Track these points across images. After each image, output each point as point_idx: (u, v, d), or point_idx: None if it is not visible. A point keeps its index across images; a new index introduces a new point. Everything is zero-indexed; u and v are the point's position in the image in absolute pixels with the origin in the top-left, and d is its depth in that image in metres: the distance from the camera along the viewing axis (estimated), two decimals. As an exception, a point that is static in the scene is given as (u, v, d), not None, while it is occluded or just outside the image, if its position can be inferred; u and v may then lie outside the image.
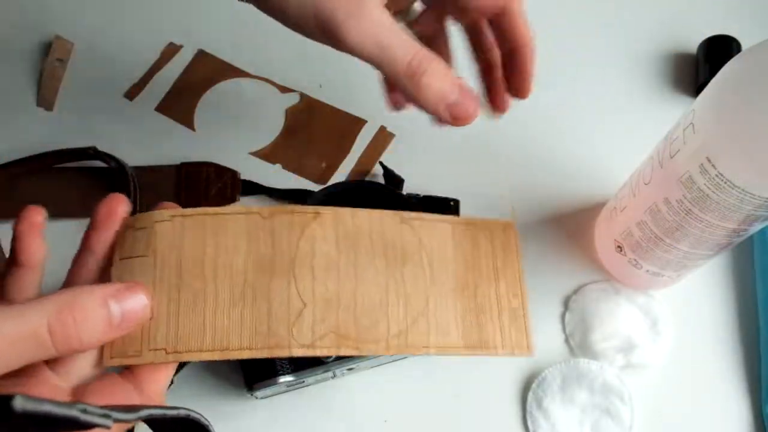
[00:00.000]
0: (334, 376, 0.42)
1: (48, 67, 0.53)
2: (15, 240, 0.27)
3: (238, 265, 0.27)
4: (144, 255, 0.27)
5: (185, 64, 0.54)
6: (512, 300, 0.31)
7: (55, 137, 0.51)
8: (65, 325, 0.22)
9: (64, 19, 0.55)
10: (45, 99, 0.53)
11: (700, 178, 0.32)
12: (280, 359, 0.40)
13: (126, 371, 0.26)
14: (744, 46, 0.51)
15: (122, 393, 0.25)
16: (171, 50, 0.54)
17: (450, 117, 0.29)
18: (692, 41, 0.53)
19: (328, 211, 0.28)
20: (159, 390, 0.26)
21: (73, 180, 0.49)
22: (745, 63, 0.30)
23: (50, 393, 0.24)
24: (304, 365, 0.40)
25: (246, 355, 0.26)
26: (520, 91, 0.35)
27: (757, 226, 0.34)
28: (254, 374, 0.40)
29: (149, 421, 0.23)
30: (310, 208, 0.28)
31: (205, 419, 0.26)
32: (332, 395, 0.44)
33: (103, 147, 0.48)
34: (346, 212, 0.28)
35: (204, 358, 0.26)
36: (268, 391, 0.40)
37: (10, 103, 0.53)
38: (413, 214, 0.30)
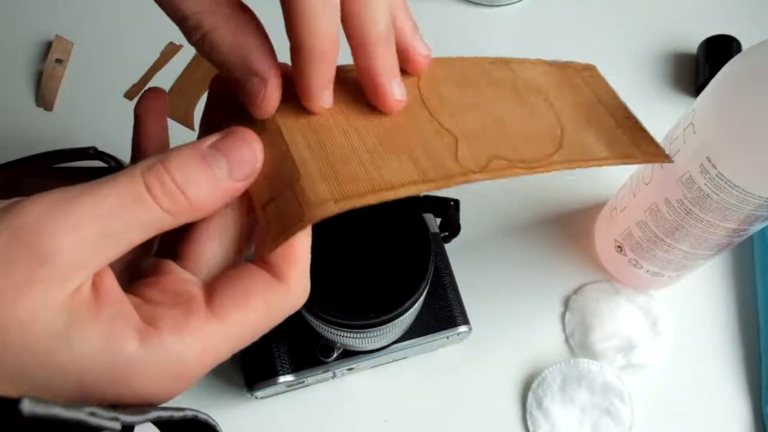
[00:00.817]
0: (334, 376, 0.42)
1: (48, 67, 0.53)
2: (135, 125, 0.25)
3: (372, 119, 0.24)
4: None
5: (185, 64, 0.54)
6: (627, 120, 0.31)
7: (55, 137, 0.51)
8: (163, 181, 0.20)
9: (64, 19, 0.55)
10: (45, 99, 0.53)
11: (700, 178, 0.32)
12: (280, 359, 0.40)
13: (259, 259, 0.23)
14: (744, 46, 0.51)
15: (261, 282, 0.22)
16: (171, 50, 0.54)
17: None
18: (692, 41, 0.53)
19: (433, 64, 0.28)
20: (300, 273, 0.23)
21: (73, 180, 0.48)
22: (745, 63, 0.30)
23: (183, 287, 0.22)
24: (304, 365, 0.40)
25: (423, 189, 0.23)
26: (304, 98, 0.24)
27: (757, 226, 0.34)
28: (254, 374, 0.40)
29: (157, 422, 0.23)
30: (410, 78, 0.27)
31: (213, 420, 0.26)
32: (332, 395, 0.44)
33: (103, 147, 0.48)
34: (446, 62, 0.28)
35: (380, 199, 0.22)
36: (268, 391, 0.40)
37: (10, 103, 0.53)
38: (499, 58, 0.30)
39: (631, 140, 0.30)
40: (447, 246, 0.43)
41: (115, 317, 0.20)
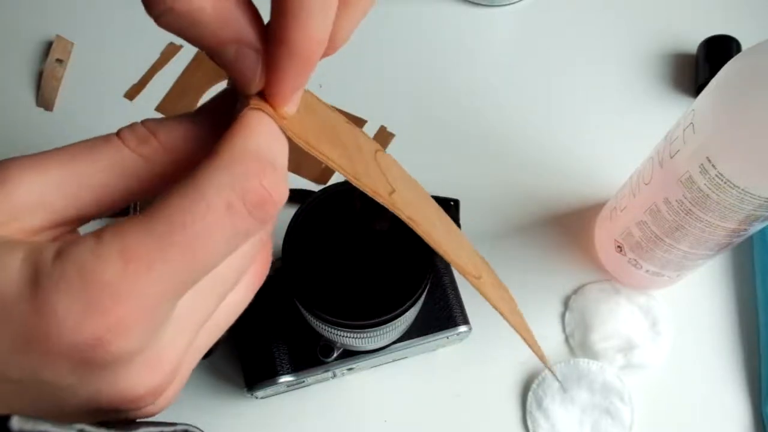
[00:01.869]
0: (334, 376, 0.42)
1: (48, 67, 0.53)
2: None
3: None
4: None
5: (185, 64, 0.54)
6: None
7: (55, 137, 0.51)
8: (133, 126, 0.19)
9: (64, 19, 0.55)
10: (45, 99, 0.53)
11: (700, 178, 0.32)
12: (280, 359, 0.40)
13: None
14: (744, 46, 0.51)
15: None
16: (171, 50, 0.54)
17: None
18: (692, 41, 0.53)
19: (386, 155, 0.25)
20: (238, 149, 0.18)
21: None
22: (745, 63, 0.30)
23: None
24: (304, 365, 0.40)
25: (347, 168, 0.22)
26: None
27: (757, 226, 0.34)
28: (254, 374, 0.40)
29: None
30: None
31: None
32: (332, 395, 0.44)
33: (103, 147, 0.48)
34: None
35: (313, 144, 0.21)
36: (268, 391, 0.40)
37: (10, 103, 0.53)
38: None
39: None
40: (447, 246, 0.43)
41: (35, 244, 0.17)
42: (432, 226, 0.25)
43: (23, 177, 0.18)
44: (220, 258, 0.18)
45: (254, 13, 0.19)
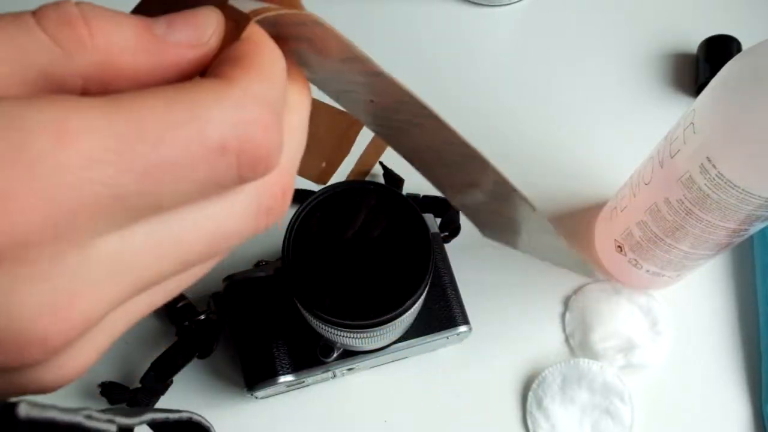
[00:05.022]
0: (334, 376, 0.42)
1: None
2: None
3: None
4: None
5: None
6: None
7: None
8: (58, 5, 0.14)
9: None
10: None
11: (700, 178, 0.32)
12: (280, 359, 0.40)
13: None
14: (744, 46, 0.51)
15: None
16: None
17: None
18: (692, 41, 0.53)
19: None
20: (251, 76, 0.15)
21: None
22: (745, 63, 0.30)
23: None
24: (304, 365, 0.40)
25: None
26: None
27: (758, 226, 0.34)
28: (254, 374, 0.40)
29: (152, 424, 0.23)
30: None
31: (207, 422, 0.26)
32: (332, 395, 0.44)
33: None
34: None
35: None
36: (268, 391, 0.40)
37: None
38: None
39: None
40: (447, 246, 0.43)
41: None
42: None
43: None
44: (178, 204, 0.14)
45: None
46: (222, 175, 0.14)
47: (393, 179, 0.48)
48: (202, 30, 0.15)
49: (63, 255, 0.13)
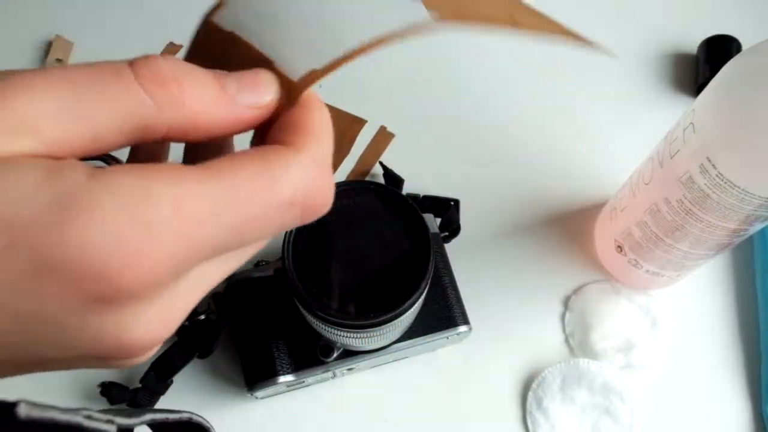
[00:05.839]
0: (334, 376, 0.42)
1: (48, 67, 0.53)
2: None
3: None
4: None
5: (185, 64, 0.54)
6: None
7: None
8: (152, 62, 0.17)
9: (64, 19, 0.55)
10: (45, 99, 0.53)
11: (700, 178, 0.32)
12: (280, 359, 0.40)
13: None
14: (744, 46, 0.51)
15: (258, 149, 0.18)
16: (171, 50, 0.54)
17: None
18: (692, 41, 0.53)
19: None
20: (311, 141, 0.19)
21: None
22: (745, 63, 0.30)
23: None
24: (304, 365, 0.40)
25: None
26: None
27: (757, 226, 0.34)
28: (254, 374, 0.40)
29: (152, 425, 0.23)
30: None
31: (207, 422, 0.26)
32: (332, 395, 0.44)
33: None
34: None
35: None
36: (268, 391, 0.40)
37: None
38: None
39: None
40: (447, 246, 0.43)
41: (58, 162, 0.16)
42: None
43: (26, 92, 0.15)
44: (258, 240, 0.18)
45: None
46: (289, 222, 0.18)
47: (393, 179, 0.48)
48: (263, 95, 0.19)
49: (176, 284, 0.17)
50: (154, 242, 0.15)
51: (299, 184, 0.17)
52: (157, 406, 0.42)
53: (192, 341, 0.42)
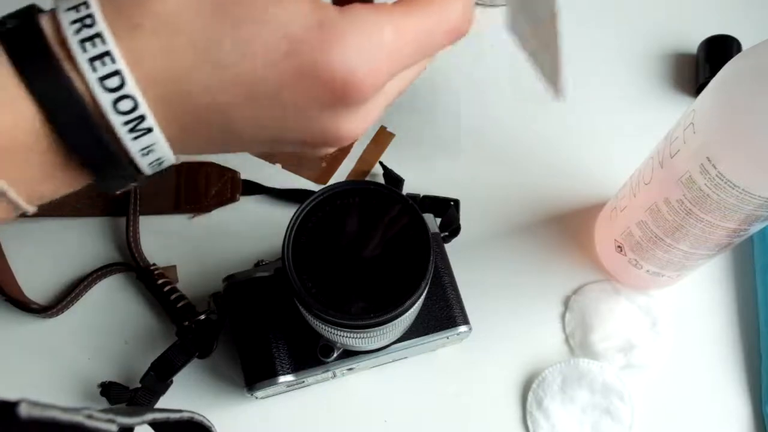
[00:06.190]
0: (334, 376, 0.42)
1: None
2: None
3: None
4: None
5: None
6: None
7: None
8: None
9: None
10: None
11: (700, 178, 0.32)
12: (280, 359, 0.40)
13: None
14: (744, 46, 0.51)
15: None
16: None
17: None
18: (692, 41, 0.53)
19: None
20: None
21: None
22: (745, 63, 0.30)
23: None
24: (304, 365, 0.40)
25: None
26: None
27: (758, 226, 0.34)
28: (254, 374, 0.40)
29: (154, 424, 0.23)
30: None
31: (208, 421, 0.26)
32: (332, 395, 0.44)
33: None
34: None
35: None
36: (268, 391, 0.40)
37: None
38: None
39: None
40: (447, 246, 0.43)
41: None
42: None
43: None
44: (426, 59, 0.25)
45: None
46: (445, 43, 0.24)
47: (393, 179, 0.48)
48: None
49: (381, 89, 0.24)
50: (383, 60, 0.22)
51: (459, 17, 0.24)
52: (158, 405, 0.42)
53: (192, 341, 0.42)
